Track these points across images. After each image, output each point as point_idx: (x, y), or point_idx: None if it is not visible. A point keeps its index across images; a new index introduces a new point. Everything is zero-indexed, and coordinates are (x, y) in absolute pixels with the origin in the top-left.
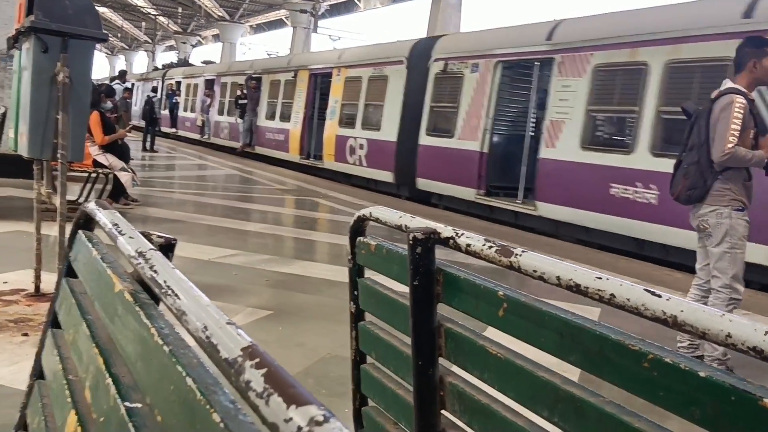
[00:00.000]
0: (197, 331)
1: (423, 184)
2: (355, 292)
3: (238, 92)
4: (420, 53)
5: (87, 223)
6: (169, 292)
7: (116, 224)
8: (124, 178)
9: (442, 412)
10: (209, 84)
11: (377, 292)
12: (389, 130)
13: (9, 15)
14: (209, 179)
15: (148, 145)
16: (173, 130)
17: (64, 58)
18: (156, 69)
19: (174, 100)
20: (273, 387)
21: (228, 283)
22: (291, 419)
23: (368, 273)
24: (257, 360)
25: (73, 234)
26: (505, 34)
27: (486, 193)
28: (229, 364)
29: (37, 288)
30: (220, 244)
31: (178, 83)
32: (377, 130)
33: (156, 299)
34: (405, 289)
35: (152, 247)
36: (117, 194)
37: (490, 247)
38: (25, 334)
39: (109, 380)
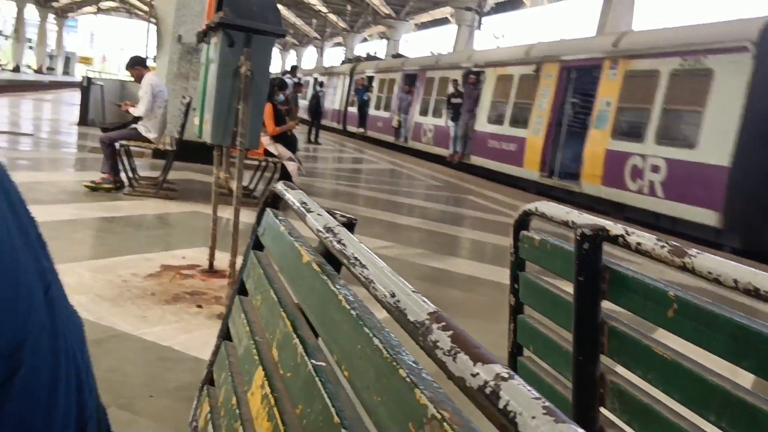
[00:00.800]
0: (385, 297)
1: None
2: (516, 285)
3: (451, 89)
4: None
5: (274, 201)
6: (357, 263)
7: (304, 203)
8: (291, 167)
9: (601, 409)
10: (409, 79)
11: (539, 286)
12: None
13: (197, 11)
14: (371, 173)
15: (312, 137)
16: (361, 130)
17: (248, 53)
18: (343, 62)
19: (365, 97)
20: (460, 346)
21: None
22: (478, 374)
23: (529, 267)
24: (443, 323)
25: (261, 211)
26: None
27: None
28: (416, 326)
29: (211, 265)
30: (375, 235)
31: (370, 78)
32: (689, 148)
33: (338, 270)
34: (565, 284)
35: (338, 223)
36: None
37: (663, 246)
38: (199, 306)
39: (296, 340)
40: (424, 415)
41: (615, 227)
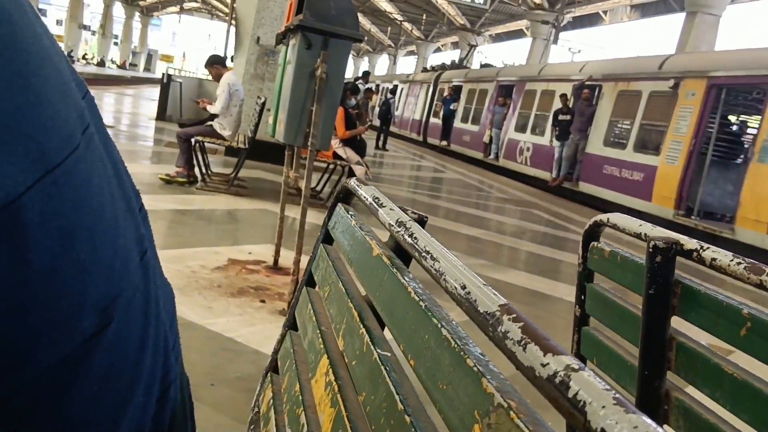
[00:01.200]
0: (456, 289)
1: None
2: (582, 296)
3: (559, 104)
4: None
5: (346, 197)
6: (428, 256)
7: (377, 198)
8: (359, 171)
9: (665, 426)
10: (505, 91)
11: (607, 299)
12: None
13: (276, 14)
14: (436, 181)
15: (380, 143)
16: (444, 143)
17: (324, 55)
18: (425, 70)
19: (451, 107)
20: (530, 337)
21: None
22: (548, 364)
23: (597, 279)
24: (514, 315)
25: (333, 206)
26: None
27: None
28: (486, 318)
29: (276, 261)
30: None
31: (458, 88)
32: None
33: (407, 264)
34: (630, 296)
35: (410, 218)
36: None
37: (739, 263)
38: (263, 301)
39: (363, 330)
40: (491, 403)
41: (689, 241)
